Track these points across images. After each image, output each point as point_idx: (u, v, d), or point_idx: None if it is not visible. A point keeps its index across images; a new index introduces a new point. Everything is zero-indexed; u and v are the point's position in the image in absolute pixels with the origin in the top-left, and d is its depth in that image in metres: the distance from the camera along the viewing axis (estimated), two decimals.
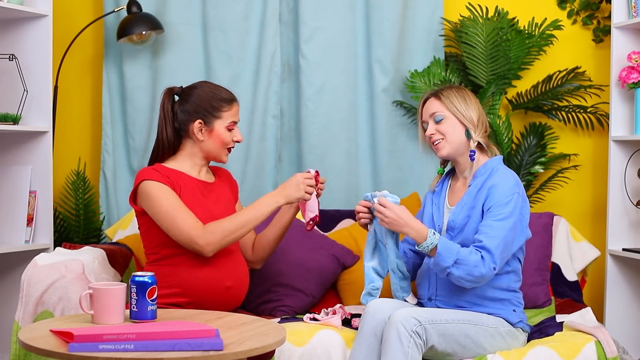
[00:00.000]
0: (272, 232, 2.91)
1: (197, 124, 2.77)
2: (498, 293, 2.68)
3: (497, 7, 3.76)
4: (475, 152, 2.71)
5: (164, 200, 2.66)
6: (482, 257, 2.55)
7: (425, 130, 2.76)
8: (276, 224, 2.91)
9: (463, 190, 2.75)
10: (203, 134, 2.78)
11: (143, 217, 2.77)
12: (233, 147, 2.84)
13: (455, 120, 2.71)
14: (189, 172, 2.81)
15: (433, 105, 2.74)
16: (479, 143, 2.73)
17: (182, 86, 2.87)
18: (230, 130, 2.80)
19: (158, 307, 2.64)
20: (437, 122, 2.72)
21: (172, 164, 2.82)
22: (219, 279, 2.72)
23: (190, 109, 2.79)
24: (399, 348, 2.45)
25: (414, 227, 2.60)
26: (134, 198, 2.77)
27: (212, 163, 2.91)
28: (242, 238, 2.78)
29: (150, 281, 2.21)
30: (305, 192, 2.71)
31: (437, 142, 2.73)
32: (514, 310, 2.69)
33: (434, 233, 2.59)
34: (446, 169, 2.88)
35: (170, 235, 2.68)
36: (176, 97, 2.86)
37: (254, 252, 2.95)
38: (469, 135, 2.71)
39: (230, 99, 2.81)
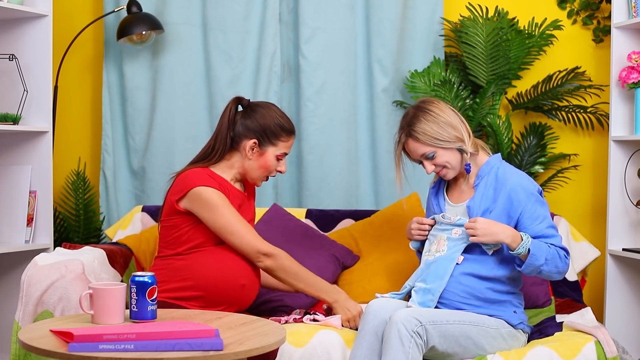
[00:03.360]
0: (279, 286, 2.96)
1: (251, 142, 2.77)
2: (499, 295, 2.68)
3: (497, 7, 3.76)
4: (470, 165, 2.73)
5: (227, 210, 2.70)
6: (561, 254, 2.64)
7: (422, 164, 2.75)
8: (302, 295, 2.98)
9: (467, 189, 2.76)
10: (253, 154, 2.78)
11: (179, 216, 2.74)
12: (274, 176, 2.84)
13: (444, 149, 2.70)
14: (229, 180, 2.82)
15: (415, 147, 2.71)
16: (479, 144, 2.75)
17: (249, 99, 2.85)
18: (278, 160, 2.81)
19: (169, 301, 2.66)
20: (431, 159, 2.72)
21: (217, 170, 2.81)
22: (234, 276, 2.74)
23: (252, 125, 2.78)
24: (400, 348, 2.45)
25: (507, 232, 2.61)
26: (179, 197, 2.74)
27: None
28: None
29: (150, 281, 2.21)
30: (344, 323, 2.79)
31: (443, 173, 2.75)
32: (514, 312, 2.69)
33: (526, 235, 2.61)
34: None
35: (234, 246, 2.72)
36: (240, 107, 2.85)
37: (263, 283, 2.97)
38: (462, 150, 2.72)
39: (290, 130, 2.82)
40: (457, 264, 2.66)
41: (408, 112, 2.76)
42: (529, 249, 2.58)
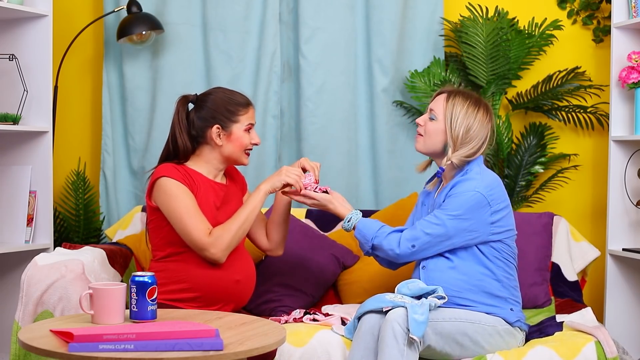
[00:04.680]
0: (276, 216, 2.95)
1: (215, 129, 2.79)
2: (493, 290, 2.68)
3: (497, 7, 3.76)
4: (443, 171, 2.74)
5: (180, 201, 2.69)
6: (399, 239, 2.68)
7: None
8: (276, 207, 2.95)
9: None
10: (222, 139, 2.80)
11: (155, 213, 2.77)
12: (251, 149, 2.86)
13: (443, 127, 2.73)
14: (207, 175, 2.83)
15: (439, 102, 2.77)
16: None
17: (196, 94, 2.88)
18: (247, 131, 2.82)
19: (167, 303, 2.66)
20: (430, 119, 2.77)
21: (192, 165, 2.83)
22: (228, 273, 2.74)
23: (207, 115, 2.80)
24: (395, 346, 2.45)
25: (338, 209, 2.80)
26: (149, 192, 2.77)
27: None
28: (255, 230, 2.91)
29: (150, 281, 2.21)
30: (287, 177, 2.77)
31: (417, 138, 2.80)
32: (511, 309, 2.70)
33: (356, 213, 2.77)
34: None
35: (182, 237, 2.71)
36: (191, 105, 2.87)
37: (269, 240, 2.97)
38: (445, 150, 2.73)
39: (245, 103, 2.84)
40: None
41: (468, 91, 2.83)
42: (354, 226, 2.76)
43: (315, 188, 2.81)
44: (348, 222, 2.77)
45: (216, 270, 2.73)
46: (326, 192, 2.82)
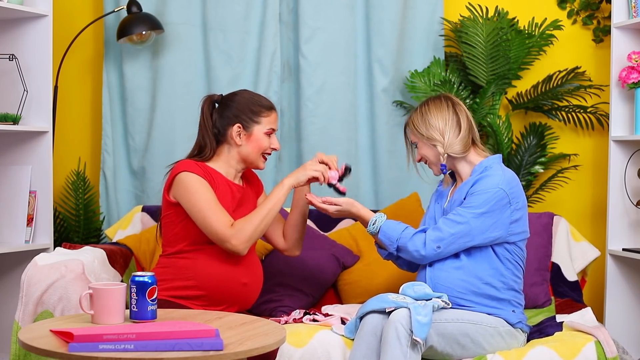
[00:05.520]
0: (295, 214, 2.95)
1: (236, 128, 2.80)
2: (499, 292, 2.68)
3: (497, 7, 3.76)
4: (446, 166, 2.76)
5: (202, 195, 2.69)
6: (424, 240, 2.66)
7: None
8: (296, 206, 2.95)
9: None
10: (241, 139, 2.81)
11: (171, 208, 2.77)
12: (269, 154, 2.87)
13: (424, 143, 2.78)
14: (225, 175, 2.83)
15: (407, 134, 2.85)
16: (473, 142, 2.77)
17: (221, 94, 2.90)
18: (268, 135, 2.82)
19: (171, 300, 2.66)
20: (416, 149, 2.82)
21: (211, 164, 2.84)
22: (235, 275, 2.74)
23: (230, 114, 2.82)
24: (398, 347, 2.45)
25: (360, 213, 2.78)
26: (168, 187, 2.77)
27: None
28: (272, 230, 2.92)
29: (150, 281, 2.21)
30: (314, 170, 2.79)
31: (429, 167, 2.83)
32: (513, 311, 2.70)
33: (381, 216, 2.76)
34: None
35: (203, 230, 2.71)
36: (216, 105, 2.88)
37: (286, 240, 2.97)
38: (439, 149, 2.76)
39: (269, 106, 2.85)
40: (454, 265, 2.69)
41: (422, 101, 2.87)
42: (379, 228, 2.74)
43: (336, 183, 2.82)
44: (373, 224, 2.76)
45: (224, 271, 2.73)
46: (344, 193, 2.83)
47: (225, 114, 2.83)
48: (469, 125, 2.77)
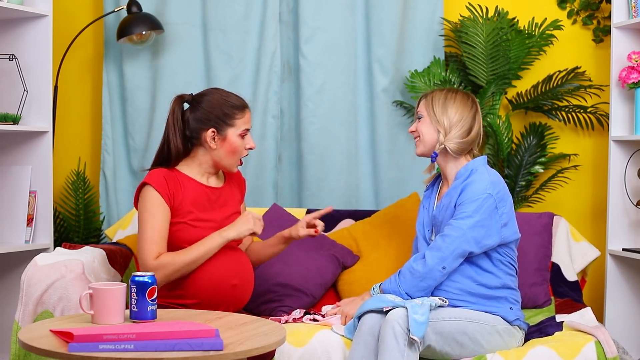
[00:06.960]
0: (267, 251, 2.95)
1: (210, 132, 2.75)
2: (494, 291, 2.69)
3: (497, 7, 3.76)
4: (437, 155, 2.76)
5: (150, 217, 2.68)
6: (424, 260, 2.66)
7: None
8: (273, 246, 2.95)
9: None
10: (216, 143, 2.76)
11: None
12: (246, 155, 2.83)
13: (430, 121, 2.78)
14: (198, 178, 2.81)
15: (420, 104, 2.84)
16: (470, 151, 2.78)
17: (192, 93, 2.84)
18: (243, 137, 2.79)
19: (164, 306, 2.65)
20: (418, 121, 2.82)
21: (184, 168, 2.81)
22: (224, 277, 2.72)
23: (202, 117, 2.76)
24: (395, 346, 2.45)
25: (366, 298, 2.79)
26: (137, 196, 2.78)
27: None
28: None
29: (150, 281, 2.21)
30: (256, 227, 2.70)
31: (415, 140, 2.84)
32: (510, 308, 2.70)
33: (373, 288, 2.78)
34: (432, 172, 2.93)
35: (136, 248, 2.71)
36: (186, 105, 2.83)
37: (250, 253, 2.98)
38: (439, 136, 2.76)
39: (242, 106, 2.79)
40: None
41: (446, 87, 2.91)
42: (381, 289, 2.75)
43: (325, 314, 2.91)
44: (373, 290, 2.78)
45: (212, 274, 2.71)
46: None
47: (197, 116, 2.77)
48: (477, 135, 2.79)
